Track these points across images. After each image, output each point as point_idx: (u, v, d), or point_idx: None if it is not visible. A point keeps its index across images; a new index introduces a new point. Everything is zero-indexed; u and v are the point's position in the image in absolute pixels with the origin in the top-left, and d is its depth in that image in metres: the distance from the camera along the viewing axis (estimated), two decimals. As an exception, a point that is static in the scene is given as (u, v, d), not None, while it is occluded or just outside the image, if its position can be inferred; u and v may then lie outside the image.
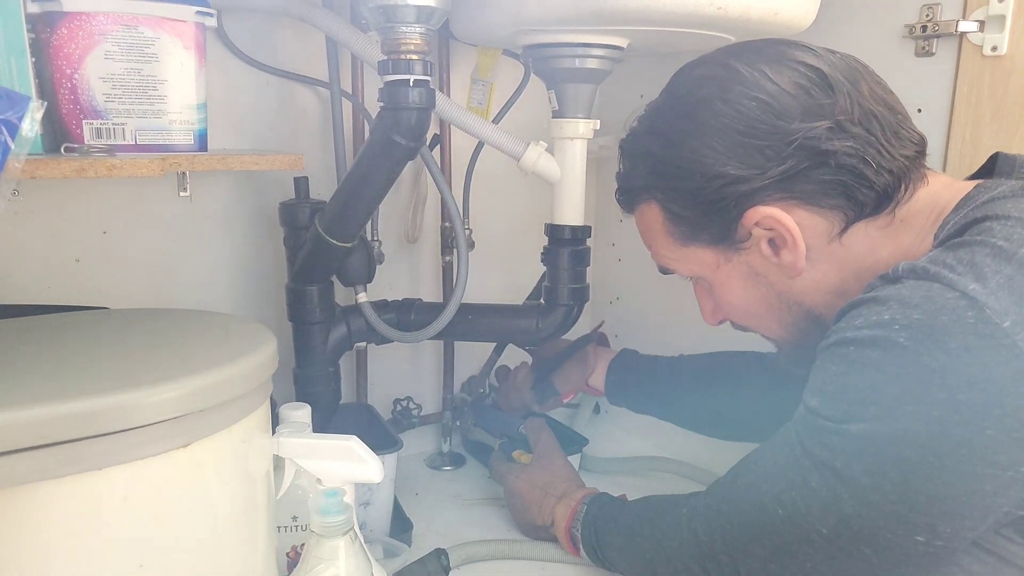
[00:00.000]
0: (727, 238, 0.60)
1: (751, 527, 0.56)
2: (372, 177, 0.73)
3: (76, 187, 0.81)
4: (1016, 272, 0.47)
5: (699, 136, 0.57)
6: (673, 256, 0.65)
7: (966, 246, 0.50)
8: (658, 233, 0.64)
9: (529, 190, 1.08)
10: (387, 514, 0.84)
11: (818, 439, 0.52)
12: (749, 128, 0.55)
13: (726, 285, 0.64)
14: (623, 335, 1.19)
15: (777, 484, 0.54)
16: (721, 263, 0.62)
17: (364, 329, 0.86)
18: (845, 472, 0.50)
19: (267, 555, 0.57)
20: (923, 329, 0.47)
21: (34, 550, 0.44)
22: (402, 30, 0.64)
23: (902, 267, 0.51)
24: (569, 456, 0.91)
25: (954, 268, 0.48)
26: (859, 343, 0.49)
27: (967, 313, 0.46)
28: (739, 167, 0.56)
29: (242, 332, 0.58)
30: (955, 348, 0.46)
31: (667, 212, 0.62)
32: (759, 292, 0.63)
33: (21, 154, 0.53)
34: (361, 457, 0.57)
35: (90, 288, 0.83)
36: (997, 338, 0.45)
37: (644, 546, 0.67)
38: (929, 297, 0.48)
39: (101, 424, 0.44)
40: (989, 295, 0.46)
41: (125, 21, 0.65)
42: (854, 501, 0.50)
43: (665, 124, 0.61)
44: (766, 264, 0.60)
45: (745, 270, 0.62)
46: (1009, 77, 0.70)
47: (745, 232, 0.59)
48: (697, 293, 0.69)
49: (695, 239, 0.62)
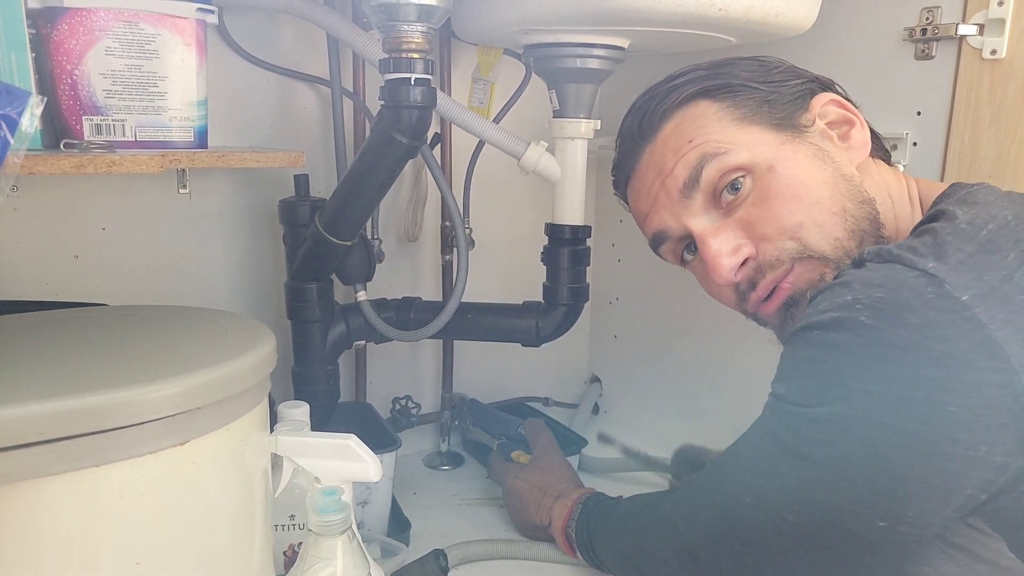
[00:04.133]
0: (791, 121, 0.63)
1: (725, 517, 0.57)
2: (372, 175, 0.73)
3: (75, 183, 0.81)
4: (977, 250, 0.49)
5: (751, 67, 0.66)
6: (728, 140, 0.62)
7: (931, 232, 0.52)
8: (711, 119, 0.63)
9: (529, 190, 1.08)
10: (385, 513, 0.84)
11: (786, 425, 0.52)
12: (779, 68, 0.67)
13: (790, 161, 0.61)
14: (623, 335, 1.19)
15: (748, 473, 0.55)
16: (786, 141, 0.62)
17: (363, 327, 0.86)
18: (811, 457, 0.50)
19: (264, 553, 0.57)
20: (885, 306, 0.48)
21: (31, 547, 0.44)
22: (404, 28, 0.64)
23: (867, 252, 0.53)
24: (568, 456, 0.91)
25: (917, 250, 0.50)
26: (823, 326, 0.50)
27: (927, 289, 0.47)
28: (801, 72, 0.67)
29: (240, 330, 0.58)
30: (916, 323, 0.46)
31: (724, 100, 0.64)
32: (825, 174, 0.61)
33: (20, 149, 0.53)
34: (359, 456, 0.57)
35: (89, 285, 0.83)
36: (957, 311, 0.46)
37: (628, 543, 0.68)
38: (891, 276, 0.49)
39: (99, 421, 0.44)
40: (949, 271, 0.47)
41: (126, 17, 0.65)
42: (820, 486, 0.50)
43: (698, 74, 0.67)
44: (832, 147, 0.63)
45: (811, 150, 0.62)
46: (1008, 80, 0.70)
47: (810, 118, 0.63)
48: (707, 239, 0.63)
49: (756, 120, 0.63)
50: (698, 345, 1.05)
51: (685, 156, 0.63)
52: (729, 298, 0.67)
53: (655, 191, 0.66)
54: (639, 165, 0.68)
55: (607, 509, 0.74)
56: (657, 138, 0.66)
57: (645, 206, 0.68)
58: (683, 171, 0.63)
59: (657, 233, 0.68)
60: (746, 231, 0.62)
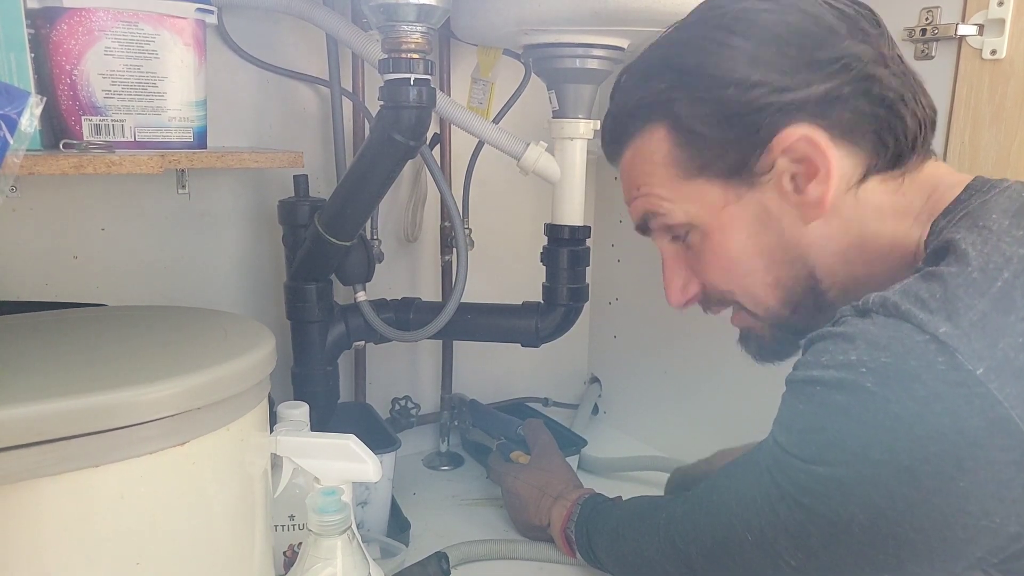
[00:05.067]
0: (745, 167, 0.54)
1: (723, 543, 0.56)
2: (372, 176, 0.73)
3: (74, 184, 0.81)
4: (991, 308, 0.44)
5: (737, 44, 0.52)
6: (670, 195, 0.58)
7: (939, 279, 0.46)
8: (658, 166, 0.57)
9: (529, 190, 1.08)
10: (385, 514, 0.84)
11: (786, 475, 0.50)
12: (797, 36, 0.51)
13: (727, 230, 0.57)
14: (622, 336, 1.19)
15: (747, 509, 0.53)
16: (730, 201, 0.56)
17: (363, 328, 0.86)
18: (813, 509, 0.48)
19: (264, 554, 0.57)
20: (891, 374, 0.45)
21: (30, 547, 0.44)
22: (403, 29, 0.64)
23: (872, 300, 0.48)
24: (567, 457, 0.91)
25: (926, 304, 0.45)
26: (825, 384, 0.47)
27: (937, 359, 0.43)
28: (780, 77, 0.51)
29: (240, 330, 0.58)
30: (924, 396, 0.43)
31: (679, 135, 0.55)
32: (764, 240, 0.56)
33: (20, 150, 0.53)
34: (359, 456, 0.57)
35: (88, 285, 0.83)
36: (970, 386, 0.43)
37: (626, 549, 0.68)
38: (898, 338, 0.45)
39: (98, 421, 0.43)
40: (961, 337, 0.44)
41: (125, 18, 0.65)
42: (822, 537, 0.48)
43: (695, 35, 0.55)
44: (782, 204, 0.55)
45: (756, 211, 0.56)
46: (1008, 81, 0.70)
47: (769, 161, 0.54)
48: (667, 264, 0.63)
49: (705, 170, 0.55)
50: (698, 345, 1.05)
51: (635, 201, 0.62)
52: None
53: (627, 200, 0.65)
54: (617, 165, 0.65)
55: (606, 511, 0.74)
56: (622, 160, 0.63)
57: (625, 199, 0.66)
58: (635, 214, 0.62)
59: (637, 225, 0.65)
60: (694, 271, 0.62)
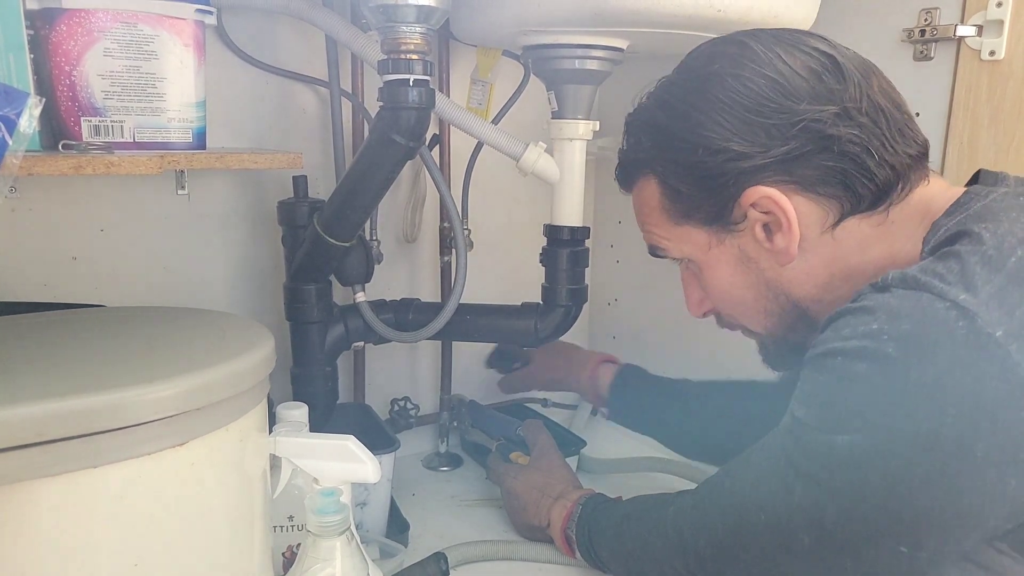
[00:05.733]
0: (722, 218, 0.60)
1: (735, 532, 0.56)
2: (371, 176, 0.73)
3: (74, 184, 0.81)
4: (1007, 282, 0.46)
5: (706, 110, 0.57)
6: (666, 235, 0.64)
7: (956, 256, 0.48)
8: (654, 210, 0.64)
9: (528, 191, 1.08)
10: (384, 514, 0.84)
11: (804, 450, 0.51)
12: (757, 105, 0.55)
13: (715, 268, 0.63)
14: (621, 337, 1.19)
15: (761, 492, 0.54)
16: (713, 244, 0.62)
17: (362, 329, 0.86)
18: (830, 483, 0.49)
19: (263, 555, 0.57)
20: (912, 340, 0.46)
21: (29, 548, 0.43)
22: (402, 30, 0.64)
23: (891, 276, 0.50)
24: (567, 457, 0.91)
25: (944, 278, 0.47)
26: (847, 354, 0.48)
27: (958, 324, 0.45)
28: (742, 143, 0.56)
29: (239, 331, 0.58)
30: (945, 361, 0.45)
31: (665, 188, 0.62)
32: (748, 278, 0.62)
33: (19, 150, 0.53)
34: (358, 457, 0.57)
35: (87, 286, 0.83)
36: (990, 350, 0.44)
37: (630, 546, 0.67)
38: (918, 307, 0.47)
39: (97, 422, 0.44)
40: (980, 305, 0.45)
41: (124, 18, 0.65)
42: (838, 513, 0.49)
43: (673, 96, 0.60)
44: (758, 249, 0.60)
45: (736, 253, 0.61)
46: (1007, 81, 0.70)
47: (740, 213, 0.59)
48: (684, 281, 0.68)
49: (690, 218, 0.61)
50: (697, 346, 1.05)
51: (644, 235, 0.68)
52: None
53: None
54: None
55: (608, 510, 0.74)
56: (632, 199, 0.68)
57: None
58: (646, 240, 0.68)
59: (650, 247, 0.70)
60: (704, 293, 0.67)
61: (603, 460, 1.03)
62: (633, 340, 1.17)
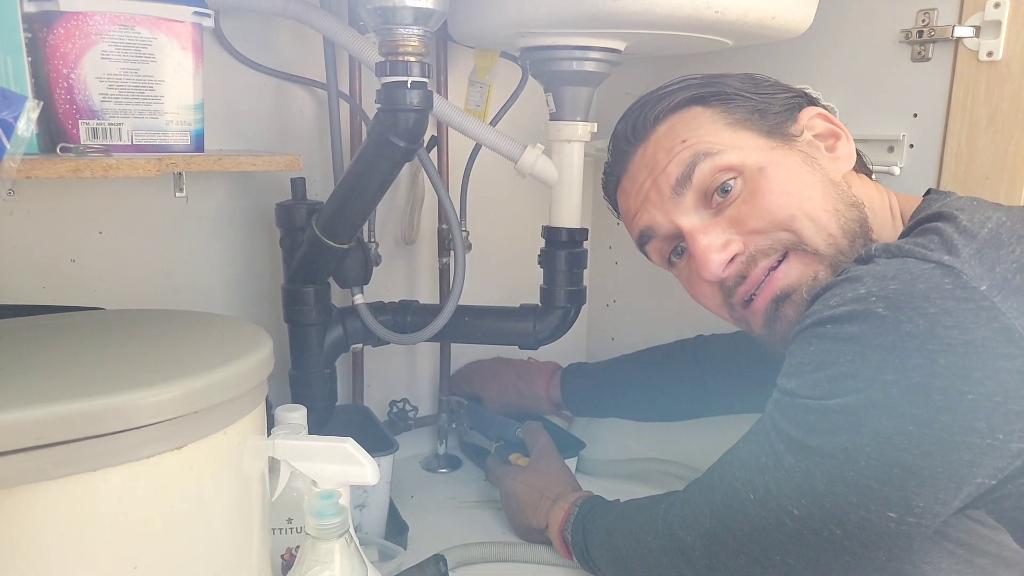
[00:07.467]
0: (779, 130, 0.65)
1: (723, 516, 0.56)
2: (369, 178, 0.73)
3: (72, 187, 0.81)
4: (984, 245, 0.50)
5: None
6: (720, 141, 0.64)
7: (934, 230, 0.52)
8: (703, 122, 0.65)
9: (526, 192, 1.08)
10: (383, 517, 0.84)
11: (794, 420, 0.52)
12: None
13: (780, 166, 0.63)
14: (620, 338, 1.19)
15: (750, 470, 0.55)
16: (775, 147, 0.64)
17: (360, 331, 0.86)
18: (820, 449, 0.50)
19: (262, 557, 0.57)
20: (900, 297, 0.48)
21: (29, 551, 0.43)
22: (400, 32, 0.64)
23: (874, 248, 0.53)
24: (566, 459, 0.91)
25: (926, 246, 0.51)
26: (836, 320, 0.50)
27: (944, 280, 0.47)
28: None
29: (238, 333, 0.58)
30: (934, 312, 0.46)
31: (717, 105, 0.66)
32: (815, 178, 0.63)
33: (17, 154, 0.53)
34: (357, 459, 0.57)
35: (85, 289, 0.83)
36: (976, 300, 0.46)
37: (622, 544, 0.68)
38: (904, 269, 0.49)
39: (96, 425, 0.43)
40: (963, 263, 0.48)
41: (122, 21, 0.65)
42: (827, 478, 0.49)
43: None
44: (820, 155, 0.65)
45: (800, 157, 0.64)
46: (1005, 83, 0.70)
47: (799, 128, 0.65)
48: (698, 236, 0.63)
49: (746, 124, 0.65)
50: (696, 347, 1.05)
51: (678, 155, 0.64)
52: (714, 299, 0.67)
53: (646, 189, 0.67)
54: (630, 166, 0.69)
55: (603, 512, 0.74)
56: (650, 139, 0.67)
57: (635, 204, 0.69)
58: (676, 169, 0.64)
59: (645, 230, 0.68)
60: (736, 227, 0.63)
61: (602, 461, 1.03)
62: (632, 341, 1.17)
